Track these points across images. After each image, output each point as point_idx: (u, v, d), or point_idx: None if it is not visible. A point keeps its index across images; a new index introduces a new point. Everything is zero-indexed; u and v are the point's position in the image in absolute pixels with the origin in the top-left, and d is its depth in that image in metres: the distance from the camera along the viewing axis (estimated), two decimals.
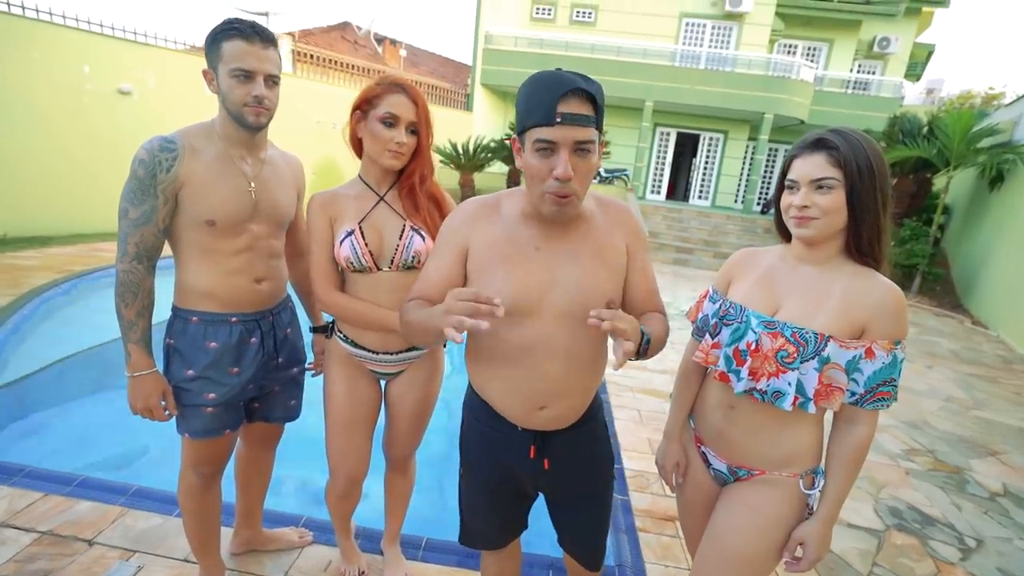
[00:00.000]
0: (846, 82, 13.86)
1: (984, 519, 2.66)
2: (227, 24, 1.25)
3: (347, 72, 11.12)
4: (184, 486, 1.48)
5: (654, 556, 2.04)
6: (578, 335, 1.07)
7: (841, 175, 1.00)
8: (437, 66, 16.36)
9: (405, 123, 1.34)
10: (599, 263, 1.08)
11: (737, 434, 1.13)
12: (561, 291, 1.06)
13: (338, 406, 1.51)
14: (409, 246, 1.39)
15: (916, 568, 2.21)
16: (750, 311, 1.10)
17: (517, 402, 1.12)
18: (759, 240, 11.06)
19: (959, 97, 23.11)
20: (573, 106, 0.93)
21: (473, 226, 1.10)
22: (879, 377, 1.00)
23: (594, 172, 1.01)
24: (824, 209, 1.01)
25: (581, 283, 1.06)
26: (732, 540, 1.12)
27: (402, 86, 1.34)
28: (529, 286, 1.05)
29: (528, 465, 1.17)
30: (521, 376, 1.09)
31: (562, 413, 1.14)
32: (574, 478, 1.22)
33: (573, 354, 1.08)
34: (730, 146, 14.75)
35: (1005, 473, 3.18)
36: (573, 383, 1.12)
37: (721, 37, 14.27)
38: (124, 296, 1.25)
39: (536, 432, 1.15)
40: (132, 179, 1.23)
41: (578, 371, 1.11)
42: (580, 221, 1.10)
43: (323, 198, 1.41)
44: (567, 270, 1.06)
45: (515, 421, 1.15)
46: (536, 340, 1.06)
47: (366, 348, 1.47)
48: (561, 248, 1.07)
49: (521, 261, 1.06)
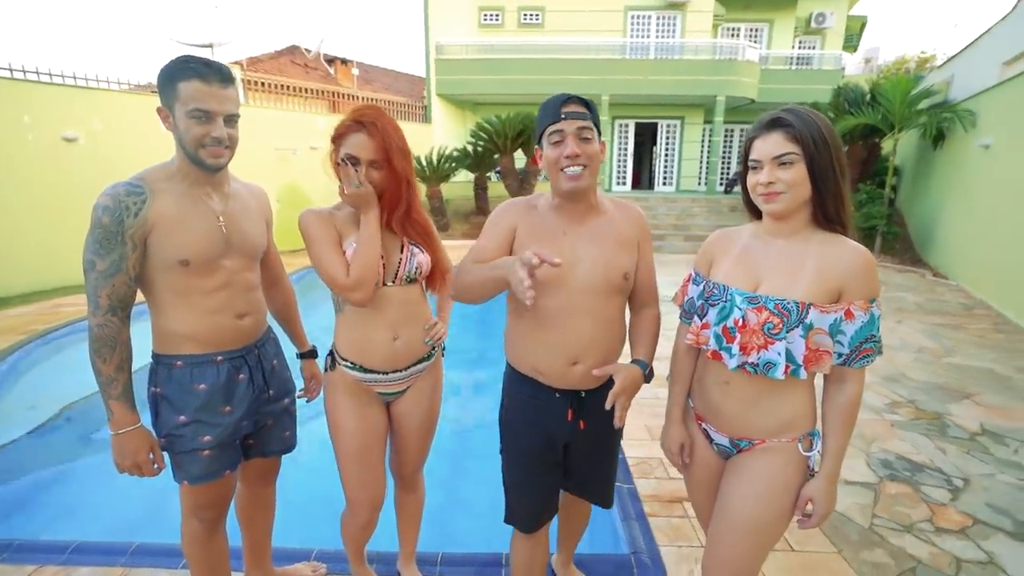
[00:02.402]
0: (789, 59, 14.34)
1: (967, 459, 2.79)
2: (182, 63, 1.22)
3: (301, 96, 10.97)
4: (188, 534, 1.45)
5: (666, 539, 2.07)
6: (599, 301, 1.32)
7: (799, 149, 1.06)
8: (391, 81, 16.28)
9: (366, 161, 1.35)
10: (616, 246, 1.33)
11: (735, 408, 1.18)
12: (584, 266, 1.31)
13: (351, 437, 1.49)
14: (411, 259, 1.44)
15: (912, 514, 2.30)
16: (733, 289, 1.15)
17: (555, 359, 1.33)
18: (726, 219, 11.34)
19: (894, 63, 24.17)
20: (572, 107, 1.24)
21: (520, 214, 1.37)
22: (861, 335, 1.06)
23: (598, 158, 1.27)
24: (788, 183, 1.07)
25: (600, 260, 1.31)
26: (742, 510, 1.16)
27: (362, 123, 1.34)
28: (562, 260, 1.23)
29: (566, 427, 1.38)
30: (557, 335, 1.32)
31: (591, 368, 1.33)
32: (600, 438, 1.43)
33: (596, 316, 1.32)
34: (687, 131, 15.09)
35: (981, 413, 3.34)
36: (599, 340, 1.33)
37: (666, 26, 14.61)
38: (100, 351, 1.21)
39: (572, 394, 1.36)
40: (96, 228, 1.18)
41: (601, 330, 1.33)
42: (598, 212, 1.35)
43: (320, 211, 1.42)
44: (588, 249, 1.32)
45: (552, 381, 1.36)
46: (566, 305, 1.30)
47: (375, 371, 1.47)
48: (584, 233, 1.33)
49: (552, 242, 1.31)
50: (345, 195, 1.36)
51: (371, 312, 1.42)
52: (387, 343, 1.45)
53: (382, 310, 1.42)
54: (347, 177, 1.33)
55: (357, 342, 1.44)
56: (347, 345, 1.45)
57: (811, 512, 1.15)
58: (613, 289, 1.33)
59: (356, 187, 1.33)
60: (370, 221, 1.36)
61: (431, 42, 13.17)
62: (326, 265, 1.36)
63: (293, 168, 9.44)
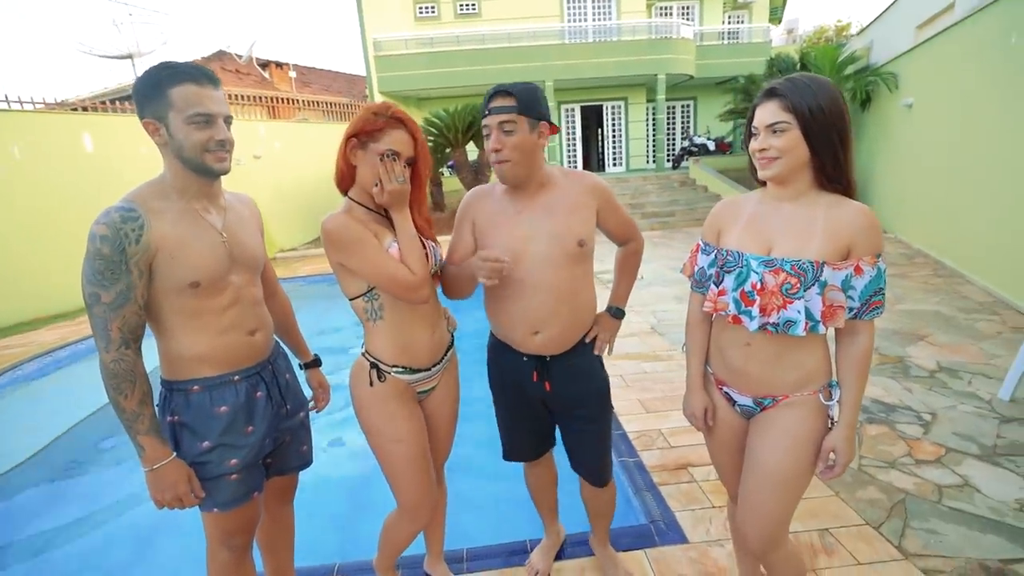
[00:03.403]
0: (721, 34, 14.85)
1: (931, 395, 3.03)
2: (167, 69, 1.16)
3: (236, 104, 10.46)
4: (216, 566, 1.38)
5: (679, 504, 2.16)
6: (558, 272, 1.42)
7: (792, 118, 1.11)
8: (330, 82, 15.77)
9: (405, 158, 1.33)
10: (568, 215, 1.42)
11: (757, 367, 1.23)
12: (539, 239, 1.41)
13: (412, 446, 1.44)
14: (435, 254, 1.44)
15: (892, 451, 2.49)
16: (747, 255, 1.20)
17: (517, 329, 1.47)
18: (678, 194, 11.69)
19: (815, 33, 25.47)
20: (497, 101, 1.34)
21: (474, 205, 1.51)
22: (870, 289, 1.13)
23: (525, 147, 1.35)
24: (780, 149, 1.13)
25: (553, 231, 1.40)
26: (773, 463, 1.22)
27: (402, 120, 1.32)
28: (515, 239, 1.42)
29: (533, 387, 1.53)
30: (518, 307, 1.44)
31: (551, 338, 1.46)
32: (572, 401, 1.54)
33: (555, 288, 1.42)
34: (632, 110, 15.41)
35: (935, 352, 3.64)
36: (558, 312, 1.44)
37: (602, 9, 14.80)
38: (120, 388, 1.13)
39: (536, 358, 1.49)
40: (95, 259, 1.10)
41: (560, 302, 1.43)
42: (549, 187, 1.45)
43: (347, 216, 1.33)
44: (542, 224, 1.41)
45: (518, 347, 1.50)
46: (525, 278, 1.42)
47: (422, 369, 1.46)
48: (538, 209, 1.43)
49: (506, 224, 1.43)
50: (385, 192, 1.29)
51: (416, 310, 1.40)
52: (429, 339, 1.45)
53: (423, 307, 1.42)
54: (392, 173, 1.28)
55: (405, 344, 1.42)
56: (394, 350, 1.41)
57: (834, 462, 1.21)
58: (570, 258, 1.42)
59: (401, 183, 1.29)
60: (406, 218, 1.34)
61: (368, 39, 12.81)
62: (387, 268, 1.30)
63: (238, 179, 8.99)
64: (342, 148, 1.34)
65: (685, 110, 16.26)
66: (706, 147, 13.66)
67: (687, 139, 14.40)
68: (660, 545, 1.94)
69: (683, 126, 16.31)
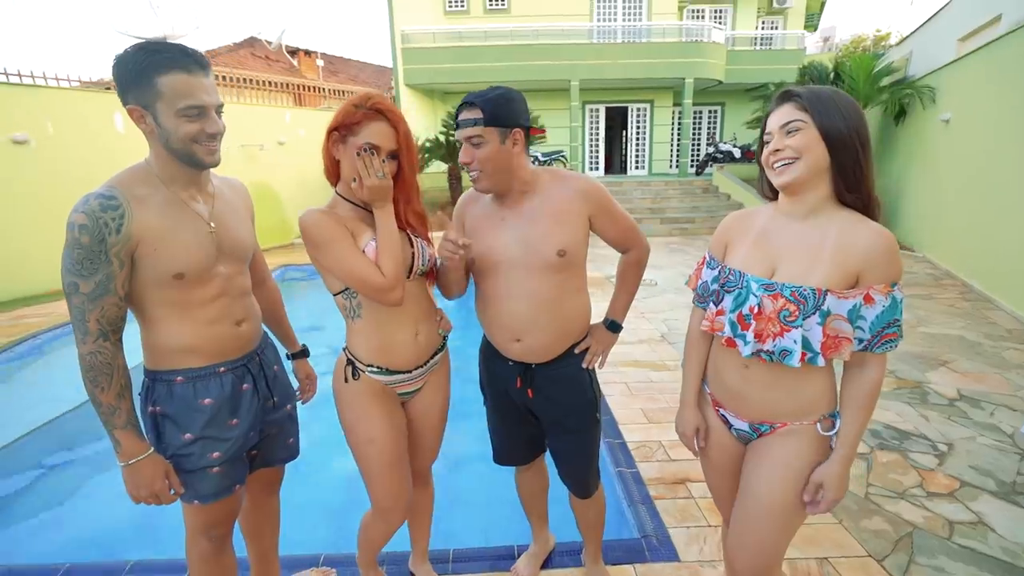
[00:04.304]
0: (753, 40, 14.53)
1: (949, 424, 2.91)
2: (152, 51, 1.08)
3: (264, 90, 10.59)
4: (196, 554, 1.38)
5: (674, 520, 2.10)
6: (536, 281, 1.39)
7: (807, 116, 1.04)
8: (357, 72, 15.88)
9: (386, 151, 1.28)
10: (550, 223, 1.38)
11: (754, 392, 1.17)
12: (519, 246, 1.38)
13: (385, 446, 1.41)
14: (423, 253, 1.40)
15: (904, 480, 2.39)
16: (749, 276, 1.13)
17: (499, 335, 1.47)
18: (699, 200, 11.50)
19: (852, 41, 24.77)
20: (464, 113, 1.32)
21: (465, 209, 1.53)
22: (883, 321, 1.04)
23: (497, 157, 1.31)
24: (796, 148, 1.04)
25: (531, 239, 1.37)
26: (767, 494, 1.16)
27: (382, 111, 1.26)
28: (496, 245, 1.41)
29: (517, 393, 1.52)
30: (499, 313, 1.44)
31: (532, 346, 1.44)
32: (555, 410, 1.52)
33: (535, 295, 1.39)
34: (657, 114, 15.19)
35: (957, 379, 3.49)
36: (538, 321, 1.41)
37: (633, 9, 14.59)
38: (97, 380, 1.11)
39: (520, 364, 1.48)
40: (74, 247, 1.05)
41: (541, 311, 1.40)
42: (533, 193, 1.41)
43: (325, 211, 1.31)
44: (524, 231, 1.39)
45: (502, 352, 1.50)
46: (502, 286, 1.41)
47: (401, 371, 1.42)
48: (521, 216, 1.40)
49: (489, 230, 1.43)
50: (363, 189, 1.25)
51: (394, 311, 1.35)
52: (411, 341, 1.41)
53: (404, 307, 1.36)
54: (370, 167, 1.23)
55: (382, 345, 1.38)
56: (371, 350, 1.38)
57: (821, 497, 1.12)
58: (548, 267, 1.37)
59: (380, 178, 1.24)
60: (388, 214, 1.28)
61: (396, 31, 12.86)
62: (355, 268, 1.25)
63: (261, 164, 9.13)
64: (325, 142, 1.31)
65: (712, 116, 15.98)
66: (732, 154, 13.40)
67: (712, 145, 14.15)
68: (651, 561, 1.89)
69: (709, 132, 16.02)
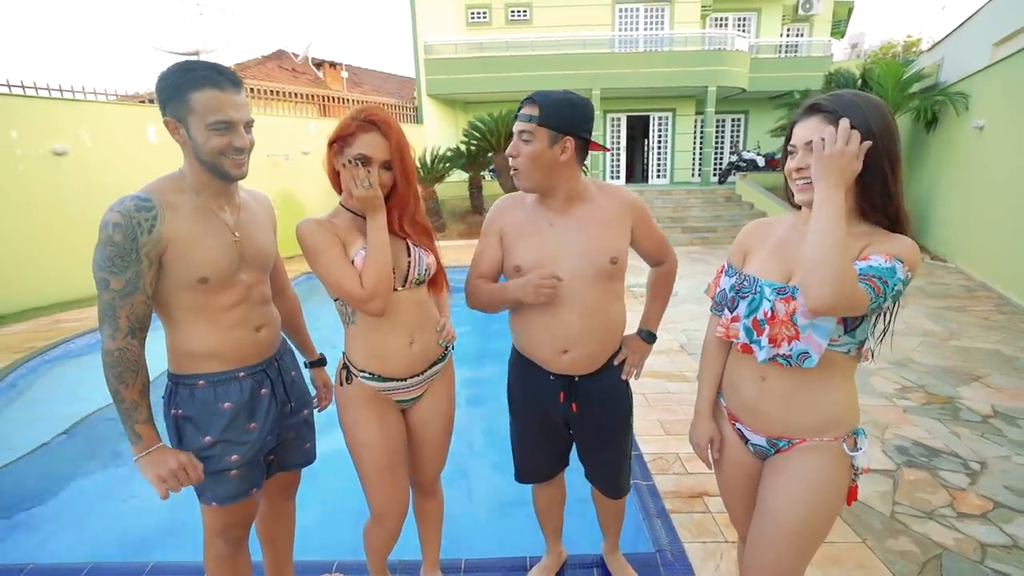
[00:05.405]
0: (778, 47, 14.34)
1: (982, 442, 2.79)
2: (188, 69, 1.16)
3: (290, 101, 10.87)
4: (212, 555, 1.41)
5: (690, 535, 2.06)
6: (589, 289, 1.37)
7: None
8: (381, 83, 16.19)
9: (379, 162, 1.30)
10: (602, 231, 1.38)
11: (772, 406, 1.14)
12: (570, 254, 1.36)
13: (378, 451, 1.43)
14: (420, 261, 1.39)
15: (932, 500, 2.30)
16: (763, 281, 1.12)
17: (546, 347, 1.42)
18: (722, 209, 11.34)
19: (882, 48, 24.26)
20: (525, 108, 1.33)
21: (504, 214, 1.46)
22: (871, 269, 0.98)
23: (538, 158, 1.31)
24: None
25: (585, 247, 1.36)
26: (786, 514, 1.12)
27: (374, 123, 1.29)
28: (544, 252, 1.38)
29: (559, 408, 1.47)
30: (547, 324, 1.39)
31: (581, 357, 1.41)
32: (597, 422, 1.50)
33: (586, 304, 1.37)
34: (679, 122, 15.09)
35: (991, 395, 3.35)
36: (589, 330, 1.39)
37: (655, 19, 14.59)
38: (123, 376, 1.15)
39: (564, 378, 1.44)
40: (107, 245, 1.12)
41: (591, 320, 1.39)
42: (582, 200, 1.40)
43: (320, 221, 1.35)
44: (574, 238, 1.37)
45: (545, 366, 1.45)
46: (558, 293, 1.34)
47: (394, 378, 1.43)
48: (570, 223, 1.39)
49: (537, 236, 1.39)
50: (353, 199, 1.29)
51: (385, 319, 1.37)
52: (404, 349, 1.41)
53: (396, 316, 1.37)
54: (357, 178, 1.25)
55: (374, 351, 1.40)
56: (363, 356, 1.40)
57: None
58: (601, 274, 1.37)
59: (367, 188, 1.25)
60: (379, 225, 1.29)
61: (419, 42, 13.09)
62: (337, 277, 1.28)
63: (286, 174, 9.35)
64: (327, 154, 1.35)
65: (735, 124, 15.78)
66: (755, 163, 13.21)
67: (735, 153, 13.97)
68: None
69: (732, 140, 15.82)
